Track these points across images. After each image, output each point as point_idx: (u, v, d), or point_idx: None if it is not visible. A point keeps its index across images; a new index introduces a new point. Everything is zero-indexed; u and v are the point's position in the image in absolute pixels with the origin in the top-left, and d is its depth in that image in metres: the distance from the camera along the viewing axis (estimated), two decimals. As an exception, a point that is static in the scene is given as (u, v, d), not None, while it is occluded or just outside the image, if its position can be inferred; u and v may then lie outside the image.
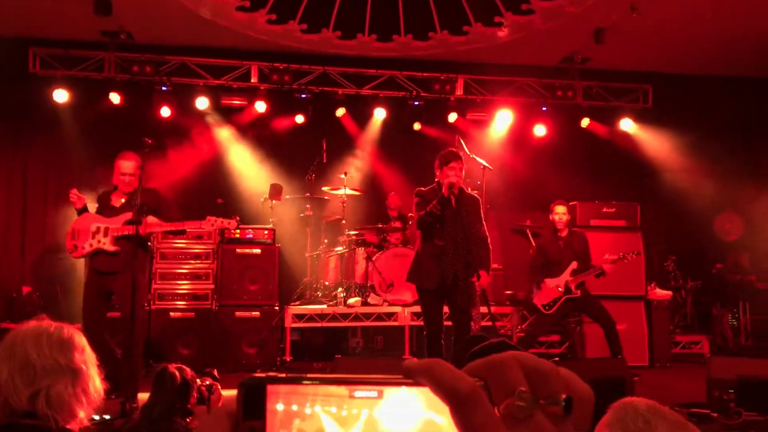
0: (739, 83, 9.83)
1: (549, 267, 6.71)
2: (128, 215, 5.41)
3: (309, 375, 0.49)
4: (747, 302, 8.84)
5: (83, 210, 5.62)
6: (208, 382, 2.76)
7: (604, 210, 8.08)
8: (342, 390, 0.48)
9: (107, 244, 5.42)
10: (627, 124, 9.78)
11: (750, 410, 4.37)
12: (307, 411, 0.48)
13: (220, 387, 2.74)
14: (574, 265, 6.57)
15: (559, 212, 6.76)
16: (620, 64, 9.69)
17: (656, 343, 7.61)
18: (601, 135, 9.87)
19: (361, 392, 0.48)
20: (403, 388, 0.48)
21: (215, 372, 4.68)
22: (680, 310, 8.87)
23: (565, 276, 6.57)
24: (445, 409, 0.46)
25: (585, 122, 9.69)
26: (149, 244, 6.04)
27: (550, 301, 6.61)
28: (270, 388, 0.48)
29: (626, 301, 7.62)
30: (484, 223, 5.47)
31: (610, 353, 6.25)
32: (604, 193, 8.81)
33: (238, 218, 5.65)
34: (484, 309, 6.03)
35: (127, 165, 5.62)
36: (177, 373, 2.33)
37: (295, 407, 0.48)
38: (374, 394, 0.48)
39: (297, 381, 0.48)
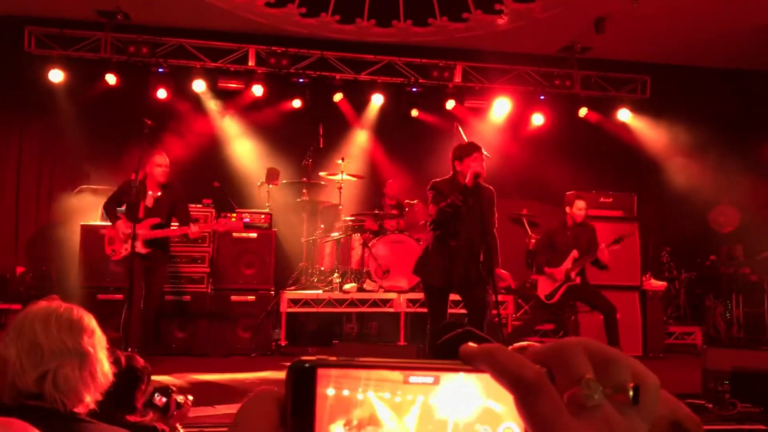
0: (736, 75, 9.83)
1: (553, 256, 6.68)
2: (154, 220, 6.05)
3: (362, 359, 0.47)
4: (740, 294, 8.89)
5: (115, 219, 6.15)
6: (189, 398, 2.59)
7: (602, 200, 8.08)
8: (396, 375, 0.46)
9: (140, 248, 5.92)
10: (625, 115, 9.78)
11: (745, 402, 4.39)
12: (359, 396, 0.46)
13: (189, 405, 2.56)
14: (575, 253, 6.55)
15: (581, 207, 6.68)
16: (619, 55, 9.67)
17: (650, 333, 7.64)
18: (599, 125, 9.86)
19: (416, 378, 0.46)
20: (461, 374, 0.46)
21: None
22: (674, 301, 8.91)
23: (566, 264, 6.57)
24: (503, 396, 0.44)
25: (583, 112, 9.68)
26: None
27: (551, 291, 6.60)
28: (321, 372, 0.46)
29: (621, 291, 7.63)
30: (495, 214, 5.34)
31: (608, 341, 6.26)
32: (602, 183, 8.82)
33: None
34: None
35: (162, 158, 6.18)
36: (123, 359, 2.21)
37: (346, 392, 0.46)
38: (430, 380, 0.46)
39: (349, 365, 0.46)
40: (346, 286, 7.55)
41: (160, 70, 8.87)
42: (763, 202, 8.63)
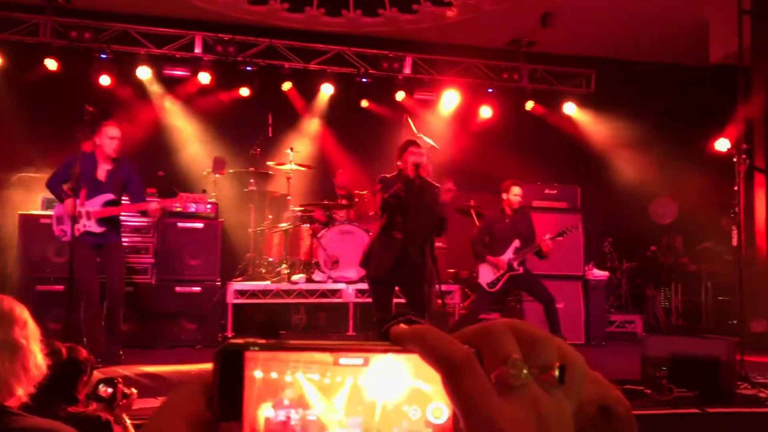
0: (677, 70, 10.08)
1: (493, 245, 6.76)
2: (107, 196, 5.70)
3: (291, 342, 0.47)
4: (679, 284, 9.18)
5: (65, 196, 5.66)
6: (133, 390, 2.53)
7: (546, 192, 8.23)
8: (326, 357, 0.46)
9: (93, 226, 5.64)
10: (570, 108, 9.97)
11: (681, 387, 4.54)
12: (288, 378, 0.46)
13: (134, 396, 2.51)
14: (517, 243, 6.64)
15: (517, 193, 6.78)
16: (565, 49, 9.83)
17: (592, 321, 7.82)
18: (545, 118, 10.02)
19: (346, 359, 0.46)
20: (390, 355, 0.46)
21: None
22: (615, 291, 9.14)
23: (508, 254, 6.65)
24: (432, 376, 0.44)
25: (529, 105, 9.82)
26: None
27: (493, 279, 6.67)
28: (249, 354, 0.45)
29: (565, 281, 7.80)
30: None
31: (549, 330, 6.39)
32: (547, 175, 8.96)
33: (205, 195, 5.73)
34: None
35: (114, 130, 5.78)
36: (64, 350, 2.14)
37: (274, 375, 0.46)
38: (360, 361, 0.46)
39: (278, 347, 0.46)
40: (295, 277, 7.51)
41: (103, 56, 8.64)
42: (702, 195, 8.90)
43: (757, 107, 7.84)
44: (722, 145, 7.98)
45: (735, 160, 5.88)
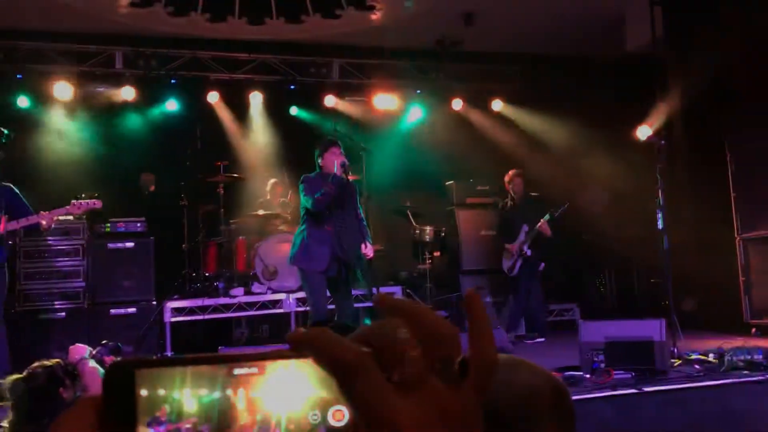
0: (597, 61, 10.31)
1: (508, 232, 7.44)
2: None
3: (186, 356, 0.45)
4: (612, 269, 9.46)
5: None
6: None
7: (479, 188, 8.36)
8: (221, 369, 0.45)
9: None
10: (497, 105, 10.14)
11: (618, 369, 4.67)
12: (175, 395, 0.44)
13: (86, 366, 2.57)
14: (525, 228, 7.31)
15: (518, 183, 7.50)
16: (490, 47, 9.97)
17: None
18: (474, 116, 10.16)
19: (240, 369, 0.45)
20: (288, 361, 0.45)
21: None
22: (552, 280, 9.31)
23: (519, 239, 7.33)
24: (331, 380, 0.43)
25: (457, 104, 9.95)
26: (9, 242, 5.66)
27: (510, 265, 7.39)
28: (138, 372, 0.44)
29: (501, 275, 7.94)
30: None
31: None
32: (478, 172, 9.09)
33: (99, 200, 5.43)
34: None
35: None
36: (40, 373, 2.17)
37: (162, 392, 0.44)
38: (255, 370, 0.45)
39: (167, 363, 0.44)
40: (232, 291, 7.40)
41: (18, 76, 8.34)
42: (628, 182, 9.15)
43: (676, 95, 8.14)
44: (643, 132, 8.26)
45: (656, 146, 6.09)
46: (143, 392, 0.43)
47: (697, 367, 4.90)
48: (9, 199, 5.41)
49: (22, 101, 8.34)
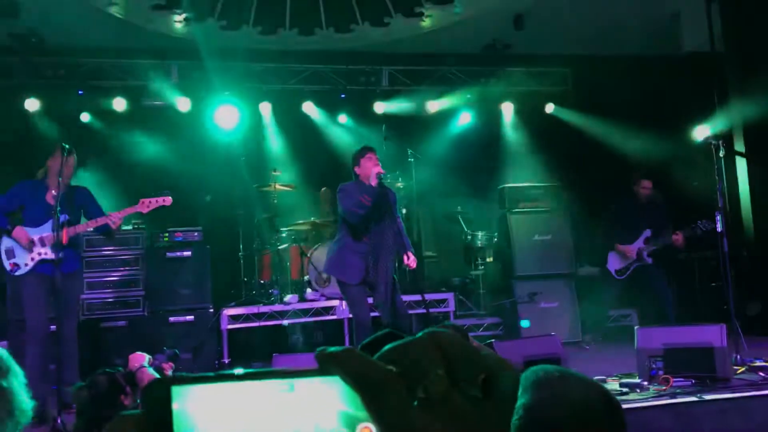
0: (653, 62, 10.06)
1: (623, 233, 7.07)
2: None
3: (220, 373, 0.47)
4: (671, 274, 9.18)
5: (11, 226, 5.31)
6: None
7: (531, 192, 8.27)
8: (253, 385, 0.46)
9: (50, 254, 5.15)
10: (550, 108, 10.01)
11: (677, 376, 4.55)
12: (214, 409, 0.46)
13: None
14: (648, 233, 6.95)
15: (645, 185, 7.14)
16: (541, 49, 9.84)
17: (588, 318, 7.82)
18: (525, 120, 10.04)
19: (272, 385, 0.46)
20: (316, 378, 0.46)
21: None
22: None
23: (638, 243, 6.97)
24: (360, 399, 0.45)
25: (508, 107, 9.87)
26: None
27: (622, 267, 7.03)
28: (175, 390, 0.46)
29: (555, 280, 7.84)
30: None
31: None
32: (531, 176, 8.97)
33: (169, 196, 5.50)
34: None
35: (72, 156, 5.36)
36: (102, 381, 2.25)
37: (201, 406, 0.46)
38: (286, 387, 0.46)
39: (201, 380, 0.46)
40: (286, 298, 7.49)
41: (80, 92, 8.65)
42: (687, 184, 8.88)
43: (735, 92, 7.88)
44: (702, 132, 8.04)
45: (714, 146, 5.90)
46: (181, 407, 0.45)
47: (761, 374, 4.73)
48: (86, 202, 5.56)
49: (84, 116, 8.63)
